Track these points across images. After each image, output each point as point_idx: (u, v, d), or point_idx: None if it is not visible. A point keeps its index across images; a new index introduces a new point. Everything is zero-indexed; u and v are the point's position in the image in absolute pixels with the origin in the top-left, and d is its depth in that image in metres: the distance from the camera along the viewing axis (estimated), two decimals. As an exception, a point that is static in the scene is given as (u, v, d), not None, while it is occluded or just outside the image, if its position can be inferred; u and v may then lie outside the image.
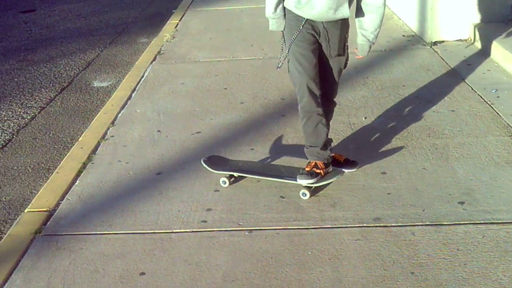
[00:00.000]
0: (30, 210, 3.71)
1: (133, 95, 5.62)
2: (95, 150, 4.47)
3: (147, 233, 3.36)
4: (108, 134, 4.76)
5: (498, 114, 4.56)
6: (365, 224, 3.30)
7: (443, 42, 6.46)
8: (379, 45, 6.42)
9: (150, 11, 10.12)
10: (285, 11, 3.49)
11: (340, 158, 3.80)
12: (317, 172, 3.57)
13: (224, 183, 3.76)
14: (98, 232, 3.40)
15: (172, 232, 3.35)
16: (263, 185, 3.75)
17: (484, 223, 3.22)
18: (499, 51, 5.65)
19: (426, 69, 5.72)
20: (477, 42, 6.23)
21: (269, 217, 3.43)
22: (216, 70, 6.19)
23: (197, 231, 3.35)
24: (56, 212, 3.65)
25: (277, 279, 2.90)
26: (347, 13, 3.36)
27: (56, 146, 4.91)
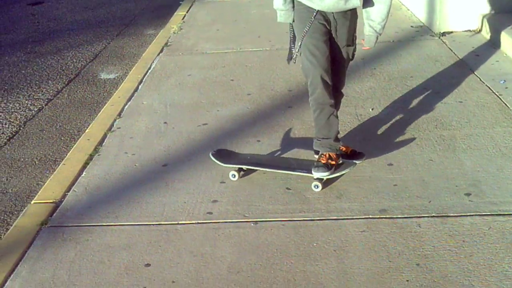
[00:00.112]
0: (36, 201, 3.73)
1: (140, 87, 5.62)
2: (101, 142, 4.48)
3: (153, 224, 3.37)
4: (114, 126, 4.76)
5: (506, 105, 4.52)
6: (371, 215, 3.29)
7: (451, 32, 6.41)
8: (387, 36, 6.39)
9: (157, 2, 10.12)
10: (293, 3, 3.47)
11: (347, 150, 3.79)
12: (332, 164, 3.55)
13: (234, 176, 3.73)
14: (104, 224, 3.41)
15: (178, 224, 3.36)
16: (268, 176, 3.75)
17: (490, 214, 3.20)
18: (508, 42, 5.60)
19: (434, 60, 5.68)
20: (485, 33, 6.18)
21: (274, 208, 3.43)
22: (223, 61, 6.18)
23: (202, 223, 3.35)
24: (63, 203, 3.66)
25: (282, 271, 2.90)
26: (357, 2, 3.35)
27: (63, 137, 4.93)
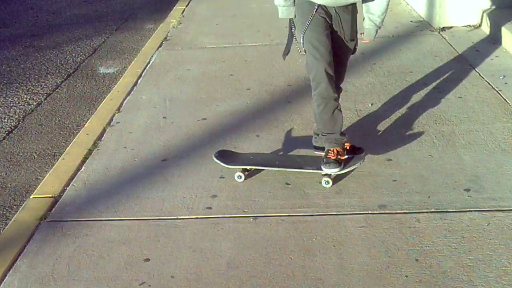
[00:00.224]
0: (35, 196, 3.73)
1: (139, 81, 5.61)
2: (100, 136, 4.48)
3: (152, 219, 3.37)
4: (114, 120, 4.76)
5: (505, 100, 4.52)
6: (370, 211, 3.29)
7: (451, 28, 6.40)
8: (387, 30, 6.38)
9: (156, -3, 10.09)
10: None
11: (346, 145, 3.78)
12: (341, 159, 3.54)
13: (240, 177, 3.65)
14: (103, 218, 3.41)
15: (177, 219, 3.36)
16: (268, 172, 3.74)
17: (489, 210, 3.21)
18: (508, 37, 5.59)
19: (434, 55, 5.67)
20: (485, 28, 6.17)
21: (274, 204, 3.43)
22: (222, 56, 6.17)
23: (202, 218, 3.35)
24: (62, 198, 3.66)
25: (281, 266, 2.90)
26: None
27: (62, 132, 4.92)
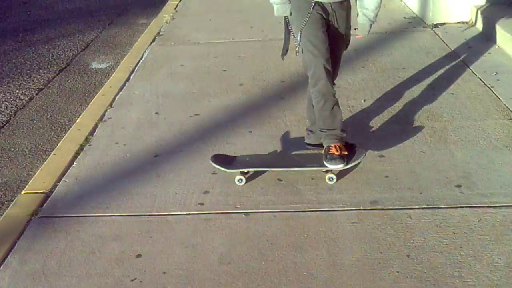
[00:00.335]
0: (26, 192, 3.71)
1: (131, 77, 5.59)
2: (92, 132, 4.46)
3: (144, 215, 3.36)
4: (106, 116, 4.74)
5: (497, 97, 4.54)
6: (362, 207, 3.30)
7: (444, 24, 6.41)
8: (380, 27, 6.38)
9: (149, -8, 10.05)
10: None
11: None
12: (345, 154, 3.54)
13: (241, 181, 3.57)
14: (95, 214, 3.40)
15: (168, 215, 3.35)
16: (260, 167, 3.74)
17: (480, 206, 3.22)
18: (500, 34, 5.61)
19: (427, 51, 5.68)
20: (478, 25, 6.18)
21: (266, 200, 3.43)
22: (215, 52, 6.15)
23: (194, 214, 3.35)
24: (53, 194, 3.64)
25: (273, 262, 2.90)
26: None
27: (53, 127, 4.90)
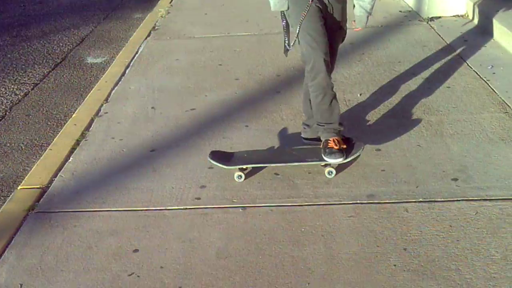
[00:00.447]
0: (23, 187, 3.70)
1: (127, 71, 5.58)
2: (88, 127, 4.45)
3: (141, 210, 3.36)
4: (101, 110, 4.73)
5: (493, 90, 4.54)
6: (358, 201, 3.30)
7: (439, 18, 6.41)
8: (376, 21, 6.38)
9: (144, -14, 10.02)
10: None
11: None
12: (344, 148, 3.53)
13: (240, 177, 3.56)
14: (92, 209, 3.39)
15: (165, 209, 3.35)
16: (257, 162, 3.74)
17: (477, 199, 3.23)
18: (496, 27, 5.61)
19: (422, 45, 5.68)
20: (474, 18, 6.18)
21: (263, 194, 3.43)
22: (211, 46, 6.14)
23: (190, 208, 3.35)
24: (49, 189, 3.64)
25: (270, 256, 2.90)
26: None
27: (49, 122, 4.88)
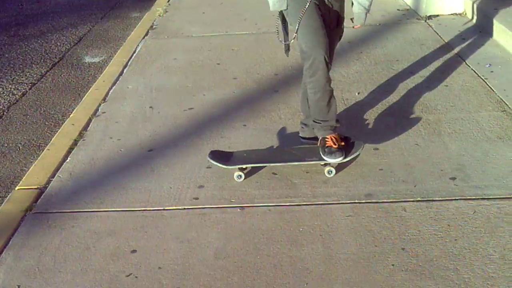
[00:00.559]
0: (20, 187, 3.69)
1: (125, 70, 5.57)
2: (86, 126, 4.44)
3: (139, 210, 3.35)
4: (99, 110, 4.72)
5: (491, 89, 4.54)
6: (356, 200, 3.30)
7: (437, 16, 6.41)
8: (373, 19, 6.38)
9: (142, -15, 10.00)
10: None
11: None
12: (343, 146, 3.53)
13: (240, 177, 3.55)
14: (89, 210, 3.39)
15: (163, 210, 3.34)
16: (255, 161, 3.74)
17: (475, 198, 3.23)
18: (494, 26, 5.60)
19: (420, 43, 5.68)
20: (471, 16, 6.18)
21: (261, 194, 3.42)
22: (209, 45, 6.13)
23: (188, 208, 3.34)
24: (47, 189, 3.63)
25: (268, 256, 2.90)
26: None
27: (47, 122, 4.88)
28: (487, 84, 4.62)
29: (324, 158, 3.50)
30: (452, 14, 6.41)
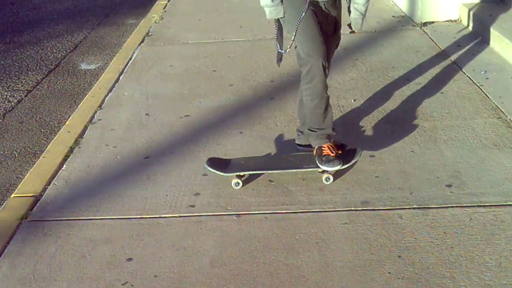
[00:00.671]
0: (16, 195, 3.68)
1: (121, 77, 5.57)
2: (82, 134, 4.43)
3: (135, 218, 3.35)
4: (95, 117, 4.71)
5: (487, 95, 4.55)
6: (353, 207, 3.30)
7: (433, 23, 6.43)
8: (369, 26, 6.40)
9: (138, -9, 10.01)
10: None
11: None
12: (340, 154, 3.52)
13: (238, 184, 3.54)
14: (85, 218, 3.38)
15: (159, 217, 3.34)
16: (251, 169, 3.74)
17: (471, 206, 3.23)
18: (489, 32, 5.63)
19: (416, 50, 5.69)
20: (467, 23, 6.20)
21: (257, 201, 3.42)
22: (205, 52, 6.14)
23: (185, 216, 3.34)
24: (43, 197, 3.62)
25: (265, 264, 2.90)
26: None
27: (42, 130, 4.87)
28: (483, 91, 4.63)
29: (322, 167, 3.49)
30: (447, 21, 6.43)
